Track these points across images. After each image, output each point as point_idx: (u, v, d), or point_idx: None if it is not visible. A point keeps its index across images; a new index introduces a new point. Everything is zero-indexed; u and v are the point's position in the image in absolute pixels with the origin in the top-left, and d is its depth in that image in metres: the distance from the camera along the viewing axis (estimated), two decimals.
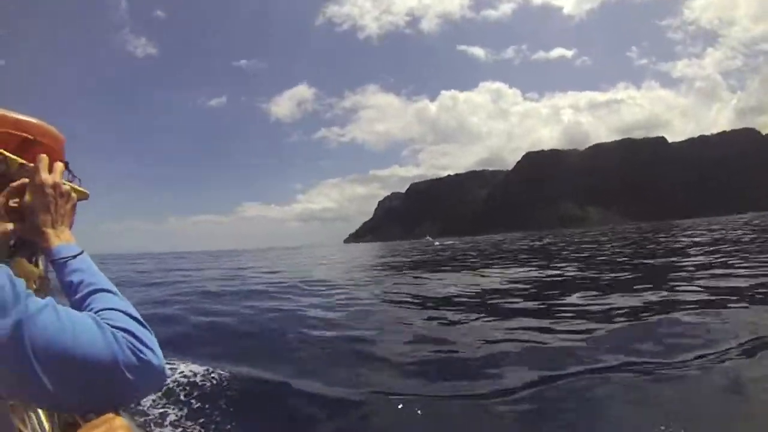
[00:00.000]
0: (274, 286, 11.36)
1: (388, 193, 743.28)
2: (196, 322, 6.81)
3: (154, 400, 3.51)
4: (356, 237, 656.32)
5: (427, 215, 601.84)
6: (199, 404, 3.54)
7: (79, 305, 0.85)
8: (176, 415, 3.36)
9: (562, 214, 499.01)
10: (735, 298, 6.05)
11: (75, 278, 0.90)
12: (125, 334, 0.75)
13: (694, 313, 5.23)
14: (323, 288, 10.63)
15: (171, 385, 3.79)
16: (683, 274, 8.95)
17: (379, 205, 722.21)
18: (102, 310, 0.81)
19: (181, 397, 3.66)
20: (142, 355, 0.75)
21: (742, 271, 8.41)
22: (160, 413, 3.36)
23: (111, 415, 0.72)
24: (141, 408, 3.35)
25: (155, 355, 0.77)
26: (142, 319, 0.83)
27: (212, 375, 4.04)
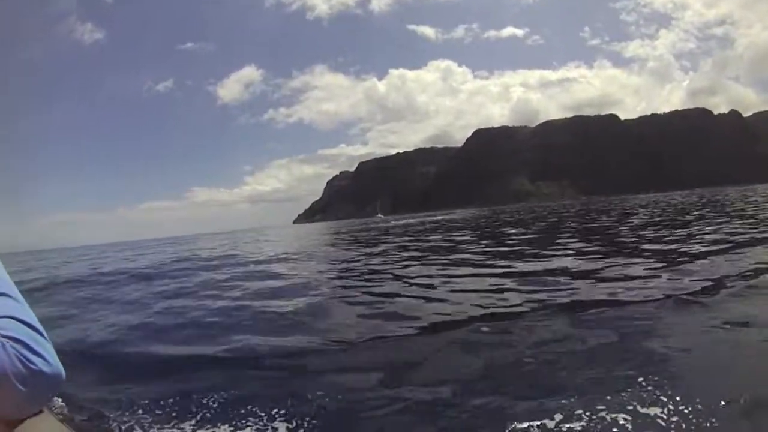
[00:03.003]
0: None
1: (337, 173, 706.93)
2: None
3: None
4: (306, 217, 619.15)
5: (377, 193, 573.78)
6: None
7: None
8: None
9: (514, 189, 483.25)
10: None
11: None
12: (14, 344, 0.71)
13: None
14: None
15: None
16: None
17: (327, 184, 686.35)
18: None
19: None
20: (32, 365, 0.71)
21: None
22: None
23: None
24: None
25: (47, 362, 0.74)
26: (37, 325, 0.78)
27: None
